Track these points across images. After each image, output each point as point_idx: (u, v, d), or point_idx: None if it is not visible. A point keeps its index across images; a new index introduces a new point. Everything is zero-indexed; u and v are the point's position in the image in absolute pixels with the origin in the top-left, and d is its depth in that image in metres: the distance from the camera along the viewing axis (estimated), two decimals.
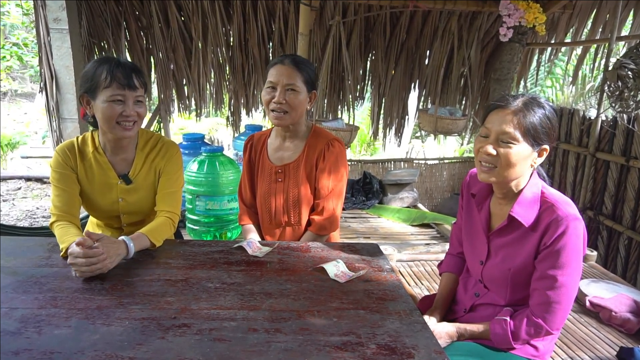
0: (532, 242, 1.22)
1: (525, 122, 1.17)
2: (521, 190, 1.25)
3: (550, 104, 1.23)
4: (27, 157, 6.20)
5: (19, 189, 5.17)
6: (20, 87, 10.47)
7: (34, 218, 4.32)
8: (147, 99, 1.59)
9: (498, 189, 1.30)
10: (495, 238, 1.31)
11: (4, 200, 4.75)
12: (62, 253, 1.38)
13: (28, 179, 5.43)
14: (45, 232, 2.58)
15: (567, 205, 1.20)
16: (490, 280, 1.34)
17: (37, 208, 4.59)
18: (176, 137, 6.89)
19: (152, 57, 4.21)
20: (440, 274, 1.58)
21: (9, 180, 5.35)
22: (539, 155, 1.22)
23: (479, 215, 1.36)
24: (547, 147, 1.21)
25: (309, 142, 1.78)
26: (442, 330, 1.31)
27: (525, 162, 1.20)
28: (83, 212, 1.68)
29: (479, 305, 1.38)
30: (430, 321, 1.38)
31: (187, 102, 4.49)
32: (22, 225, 3.97)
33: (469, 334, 1.30)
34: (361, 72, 4.52)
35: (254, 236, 1.87)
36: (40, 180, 5.42)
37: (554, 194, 1.24)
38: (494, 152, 1.20)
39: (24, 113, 9.18)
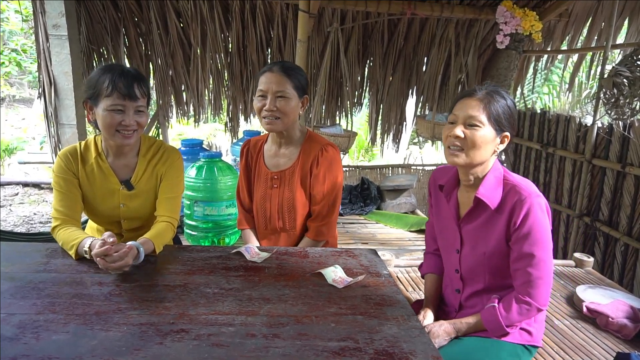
0: (501, 223, 1.29)
1: (489, 108, 1.28)
2: (485, 175, 1.32)
3: (510, 97, 1.34)
4: (25, 163, 6.19)
5: (17, 194, 5.15)
6: (18, 92, 10.46)
7: (32, 224, 4.31)
8: (149, 107, 1.60)
9: (464, 175, 1.36)
10: (465, 225, 1.38)
11: (1, 206, 4.73)
12: (72, 251, 1.39)
13: (25, 185, 5.42)
14: (43, 237, 2.57)
15: (528, 185, 1.29)
16: (468, 269, 1.39)
17: (35, 214, 4.58)
18: (175, 143, 6.89)
19: (151, 63, 4.22)
20: (422, 276, 1.62)
21: (6, 186, 5.34)
22: (501, 141, 1.31)
23: (448, 206, 1.43)
24: (508, 134, 1.30)
25: (304, 148, 1.79)
26: (440, 329, 1.34)
27: (490, 145, 1.29)
28: (82, 217, 1.68)
29: (466, 301, 1.42)
30: (426, 320, 1.41)
31: (186, 108, 4.50)
32: (19, 231, 3.96)
33: (465, 328, 1.34)
34: (359, 78, 4.54)
35: (253, 241, 1.87)
36: (37, 186, 5.41)
37: (514, 176, 1.33)
38: (461, 134, 1.29)
39: (22, 119, 9.17)
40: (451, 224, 1.42)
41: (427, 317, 1.44)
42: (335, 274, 1.36)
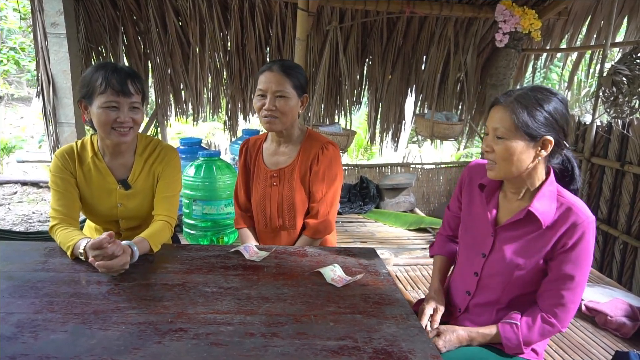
0: (548, 241, 1.22)
1: (514, 117, 1.18)
2: (539, 187, 1.25)
3: (558, 96, 1.21)
4: (24, 162, 6.18)
5: (15, 193, 5.15)
6: (16, 91, 10.44)
7: (30, 223, 4.30)
8: (145, 104, 1.59)
9: (510, 185, 1.30)
10: (503, 232, 1.30)
11: (0, 205, 4.73)
12: (69, 251, 1.38)
13: (24, 184, 5.41)
14: (42, 236, 2.57)
15: (584, 207, 1.22)
16: (490, 274, 1.32)
17: (33, 212, 4.58)
18: (173, 142, 6.89)
19: (149, 62, 4.21)
20: (431, 256, 1.59)
21: (5, 184, 5.33)
22: (543, 147, 1.20)
23: (486, 207, 1.35)
24: (550, 138, 1.18)
25: (304, 146, 1.78)
26: (453, 335, 1.29)
27: (524, 155, 1.19)
28: (80, 216, 1.67)
29: (474, 306, 1.37)
30: (437, 316, 1.37)
31: (185, 107, 4.49)
32: (18, 230, 3.95)
33: (480, 339, 1.29)
34: (358, 77, 4.54)
35: (250, 240, 1.87)
36: (36, 184, 5.40)
37: (569, 195, 1.25)
38: (488, 149, 1.24)
39: (20, 117, 9.16)
40: (485, 226, 1.34)
41: (439, 311, 1.38)
42: (334, 272, 1.36)
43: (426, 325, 1.35)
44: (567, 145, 1.25)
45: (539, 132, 1.18)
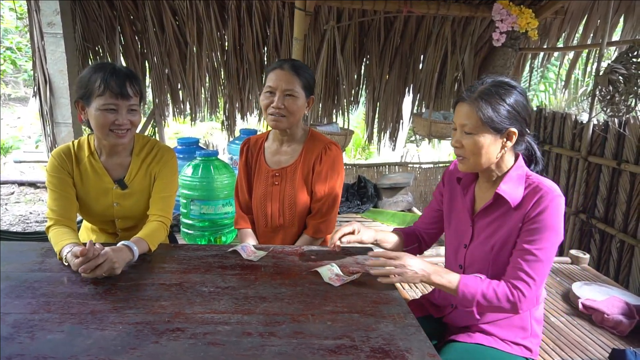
0: (515, 219, 1.25)
1: (479, 113, 1.22)
2: (506, 172, 1.29)
3: (518, 88, 1.26)
4: (21, 162, 6.17)
5: (12, 193, 5.13)
6: (13, 91, 10.41)
7: (27, 223, 4.29)
8: (142, 105, 1.59)
9: (483, 174, 1.35)
10: (479, 219, 1.35)
11: None
12: (58, 256, 1.38)
13: (21, 184, 5.40)
14: (39, 236, 2.57)
15: (551, 184, 1.25)
16: (471, 263, 1.36)
17: (31, 213, 4.56)
18: (171, 142, 6.88)
19: (146, 62, 4.21)
20: (392, 231, 1.61)
21: (2, 185, 5.32)
22: (508, 138, 1.25)
23: (464, 199, 1.40)
24: (513, 130, 1.24)
25: (306, 146, 1.79)
26: (417, 266, 1.28)
27: (492, 148, 1.25)
28: (78, 217, 1.67)
29: None
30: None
31: (182, 107, 4.49)
32: (15, 230, 3.94)
33: (437, 281, 1.27)
34: (356, 76, 4.54)
35: (250, 240, 1.87)
36: (33, 185, 5.39)
37: (538, 176, 1.29)
38: (457, 144, 1.28)
39: (17, 117, 9.13)
40: (465, 217, 1.39)
41: (356, 232, 1.46)
42: (331, 272, 1.36)
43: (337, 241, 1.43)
44: (529, 132, 1.31)
45: (504, 125, 1.23)
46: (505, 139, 1.25)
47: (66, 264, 1.34)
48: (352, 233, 1.46)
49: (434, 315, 1.45)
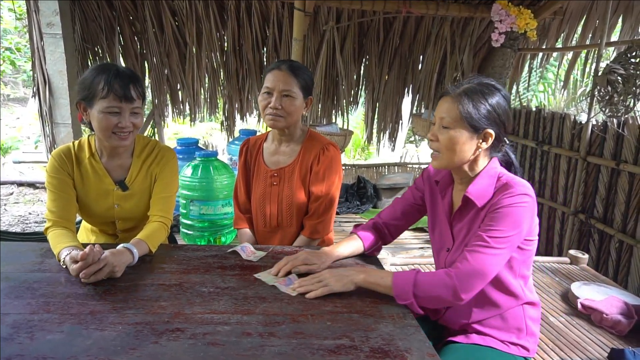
0: (482, 216, 1.23)
1: (461, 108, 1.22)
2: (477, 174, 1.28)
3: (502, 92, 1.25)
4: (20, 162, 6.16)
5: (11, 194, 5.13)
6: (12, 91, 10.40)
7: (27, 223, 4.29)
8: (143, 105, 1.59)
9: (455, 174, 1.34)
10: (456, 223, 1.34)
11: None
12: (57, 258, 1.38)
13: (20, 184, 5.39)
14: (38, 237, 2.56)
15: (522, 183, 1.21)
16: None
17: (30, 213, 4.56)
18: (170, 142, 6.87)
19: (146, 62, 4.21)
20: (351, 233, 1.55)
21: (1, 185, 5.31)
22: (484, 140, 1.24)
23: (443, 202, 1.40)
24: (490, 131, 1.23)
25: (305, 146, 1.79)
26: (340, 270, 1.29)
27: (467, 146, 1.24)
28: (77, 218, 1.67)
29: None
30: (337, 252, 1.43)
31: (182, 107, 4.49)
32: (14, 231, 3.94)
33: (371, 280, 1.25)
34: (355, 77, 4.55)
35: (249, 241, 1.87)
36: (32, 185, 5.38)
37: (511, 176, 1.26)
38: (433, 137, 1.27)
39: (16, 118, 9.12)
40: (444, 221, 1.38)
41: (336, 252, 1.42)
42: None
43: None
44: (507, 142, 1.30)
45: (482, 124, 1.22)
46: (481, 140, 1.24)
47: (64, 266, 1.33)
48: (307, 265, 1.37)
49: (431, 317, 1.45)
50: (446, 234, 1.37)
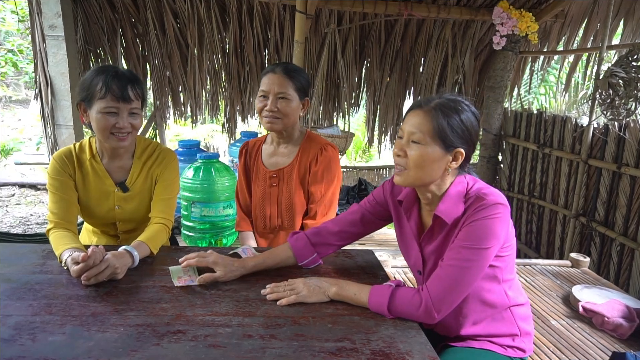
0: (455, 234, 1.18)
1: (434, 123, 1.15)
2: (445, 191, 1.22)
3: (472, 108, 1.20)
4: (21, 164, 6.17)
5: (13, 195, 5.14)
6: (14, 93, 10.42)
7: (28, 225, 4.29)
8: (144, 107, 1.59)
9: (421, 194, 1.26)
10: (426, 245, 1.28)
11: None
12: (58, 259, 1.38)
13: (22, 186, 5.40)
14: (39, 239, 2.57)
15: (494, 193, 1.17)
16: None
17: (31, 215, 4.57)
18: (172, 144, 6.88)
19: (148, 64, 4.22)
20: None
21: (2, 186, 5.32)
22: (454, 159, 1.18)
23: (409, 224, 1.32)
24: (461, 150, 1.17)
25: (303, 147, 1.80)
26: (315, 280, 1.25)
27: (436, 164, 1.17)
28: (78, 219, 1.67)
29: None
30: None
31: (183, 109, 4.50)
32: (15, 232, 3.95)
33: (344, 294, 1.22)
34: (356, 79, 4.55)
35: (251, 243, 1.88)
36: (34, 187, 5.39)
37: (480, 186, 1.21)
38: (401, 152, 1.19)
39: (18, 119, 9.14)
40: (412, 243, 1.32)
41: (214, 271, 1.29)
42: (185, 272, 1.33)
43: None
44: (469, 163, 1.23)
45: (454, 142, 1.16)
46: (451, 159, 1.18)
47: (65, 268, 1.34)
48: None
49: (424, 325, 1.44)
50: (416, 256, 1.31)
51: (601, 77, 2.84)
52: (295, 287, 1.25)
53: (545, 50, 4.39)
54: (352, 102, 4.65)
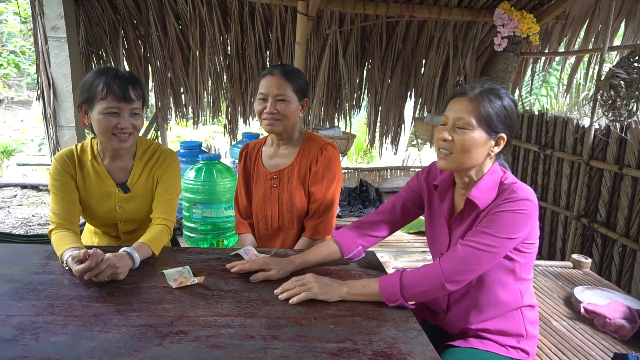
0: (481, 220, 1.22)
1: (480, 109, 1.21)
2: (481, 177, 1.27)
3: (510, 96, 1.26)
4: (23, 165, 6.19)
5: (15, 196, 5.15)
6: (16, 94, 10.45)
7: (30, 226, 4.30)
8: (145, 109, 1.60)
9: (459, 178, 1.32)
10: (455, 227, 1.33)
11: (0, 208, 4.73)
12: (60, 260, 1.39)
13: (24, 187, 5.41)
14: (42, 239, 2.57)
15: (525, 189, 1.21)
16: None
17: (33, 215, 4.58)
18: (173, 145, 6.89)
19: (149, 66, 4.23)
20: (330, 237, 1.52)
21: (4, 187, 5.33)
22: (496, 144, 1.25)
23: (441, 206, 1.37)
24: (504, 135, 1.24)
25: (303, 147, 1.80)
26: (325, 279, 1.27)
27: (481, 149, 1.23)
28: (80, 220, 1.68)
29: (455, 303, 1.35)
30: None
31: (185, 110, 4.50)
32: (18, 233, 3.95)
33: (355, 291, 1.25)
34: (358, 80, 4.56)
35: (251, 245, 1.88)
36: (36, 187, 5.40)
37: (513, 179, 1.26)
38: (449, 137, 1.24)
39: (20, 120, 9.16)
40: (442, 225, 1.37)
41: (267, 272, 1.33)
42: (180, 274, 1.33)
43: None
44: (508, 146, 1.28)
45: (498, 127, 1.22)
46: (493, 144, 1.24)
47: (67, 267, 1.34)
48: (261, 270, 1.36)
49: (430, 321, 1.45)
50: (443, 238, 1.36)
51: (602, 78, 2.84)
52: (306, 282, 1.26)
53: (546, 51, 4.39)
54: (354, 103, 4.65)
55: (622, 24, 3.80)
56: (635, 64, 2.69)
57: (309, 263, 1.43)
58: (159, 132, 4.83)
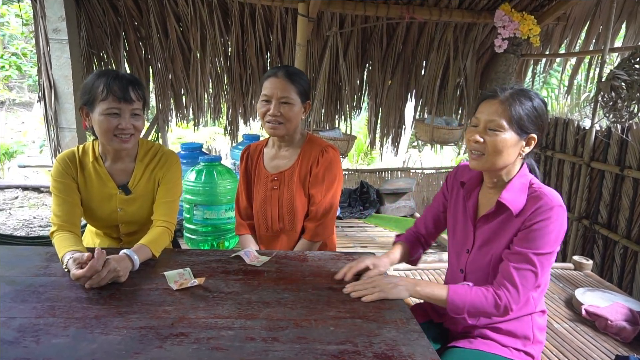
0: (515, 226, 1.25)
1: (511, 111, 1.23)
2: (511, 179, 1.29)
3: (540, 97, 1.29)
4: (25, 167, 6.19)
5: (16, 198, 5.15)
6: (18, 96, 10.47)
7: (31, 227, 4.31)
8: (146, 110, 1.60)
9: (488, 178, 1.34)
10: (481, 225, 1.34)
11: (1, 210, 4.73)
12: (61, 261, 1.39)
13: (25, 188, 5.42)
14: (43, 241, 2.57)
15: (553, 194, 1.25)
16: (473, 270, 1.36)
17: (34, 217, 4.58)
18: (174, 147, 6.90)
19: (150, 67, 4.23)
20: (394, 243, 1.61)
21: (6, 189, 5.34)
22: (527, 144, 1.27)
23: (467, 204, 1.40)
24: (534, 136, 1.26)
25: (304, 149, 1.80)
26: (399, 279, 1.32)
27: (513, 149, 1.25)
28: (82, 221, 1.68)
29: None
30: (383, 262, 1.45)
31: (185, 112, 4.51)
32: (19, 235, 3.96)
33: (424, 293, 1.29)
34: (358, 82, 4.56)
35: (252, 246, 1.88)
36: (37, 189, 5.41)
37: (541, 185, 1.29)
38: (481, 140, 1.26)
39: (21, 122, 9.18)
40: (467, 223, 1.39)
41: (372, 268, 1.40)
42: (180, 276, 1.34)
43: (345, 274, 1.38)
44: (538, 145, 1.30)
45: (529, 128, 1.24)
46: (524, 144, 1.27)
47: (67, 270, 1.34)
48: (366, 269, 1.41)
49: (435, 320, 1.45)
50: (467, 235, 1.38)
51: (603, 79, 2.84)
52: (377, 284, 1.30)
53: (547, 53, 4.39)
54: (354, 105, 4.65)
55: (623, 26, 3.80)
56: (636, 66, 2.69)
57: (395, 262, 1.53)
58: (159, 134, 4.83)
